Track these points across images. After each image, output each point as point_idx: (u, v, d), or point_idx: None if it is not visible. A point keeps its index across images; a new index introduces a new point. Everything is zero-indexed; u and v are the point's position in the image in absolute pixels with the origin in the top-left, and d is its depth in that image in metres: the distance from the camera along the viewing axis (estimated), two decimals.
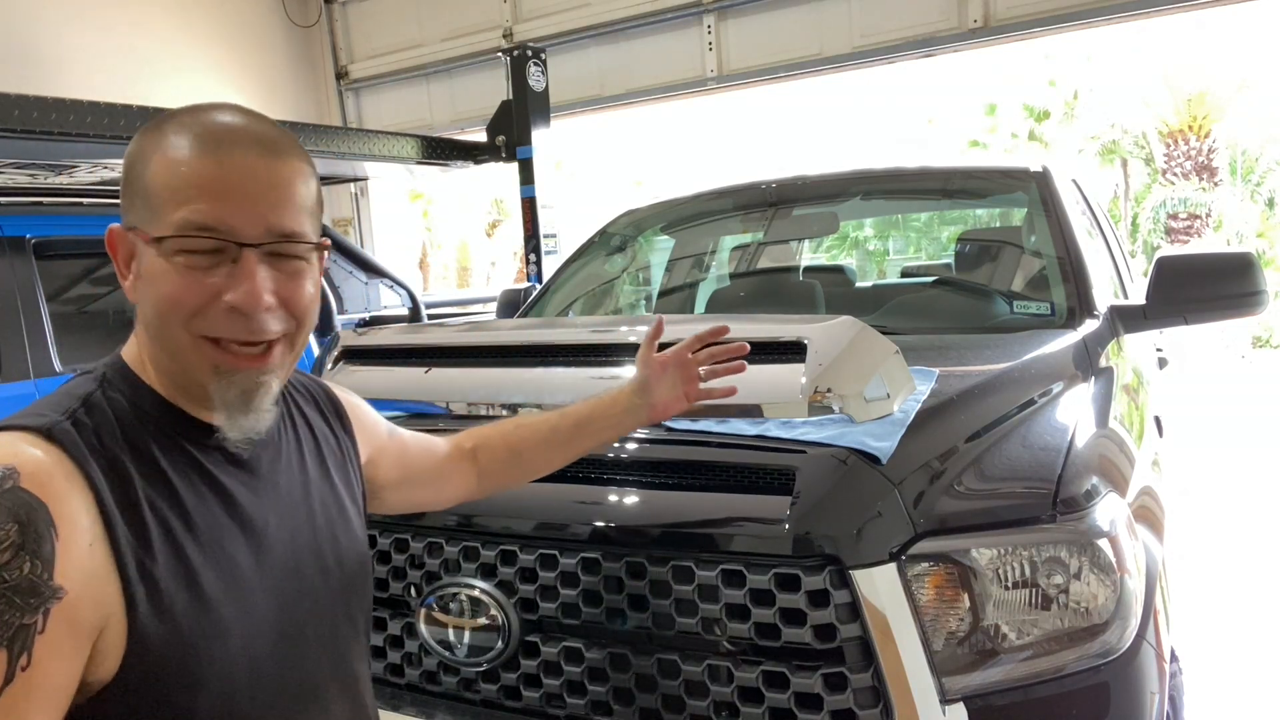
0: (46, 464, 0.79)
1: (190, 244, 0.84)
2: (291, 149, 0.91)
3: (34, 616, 0.74)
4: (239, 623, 0.88)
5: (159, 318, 0.87)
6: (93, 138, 3.44)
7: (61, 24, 6.53)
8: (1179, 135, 17.46)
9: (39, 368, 3.14)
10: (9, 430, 0.82)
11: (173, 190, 0.85)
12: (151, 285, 0.86)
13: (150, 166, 0.86)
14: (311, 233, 0.92)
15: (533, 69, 6.42)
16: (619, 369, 1.67)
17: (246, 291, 0.85)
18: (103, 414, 0.86)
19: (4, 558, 0.74)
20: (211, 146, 0.85)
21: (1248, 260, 2.17)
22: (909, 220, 5.51)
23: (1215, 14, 6.10)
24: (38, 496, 0.77)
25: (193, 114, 0.88)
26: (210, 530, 0.88)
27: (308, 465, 1.05)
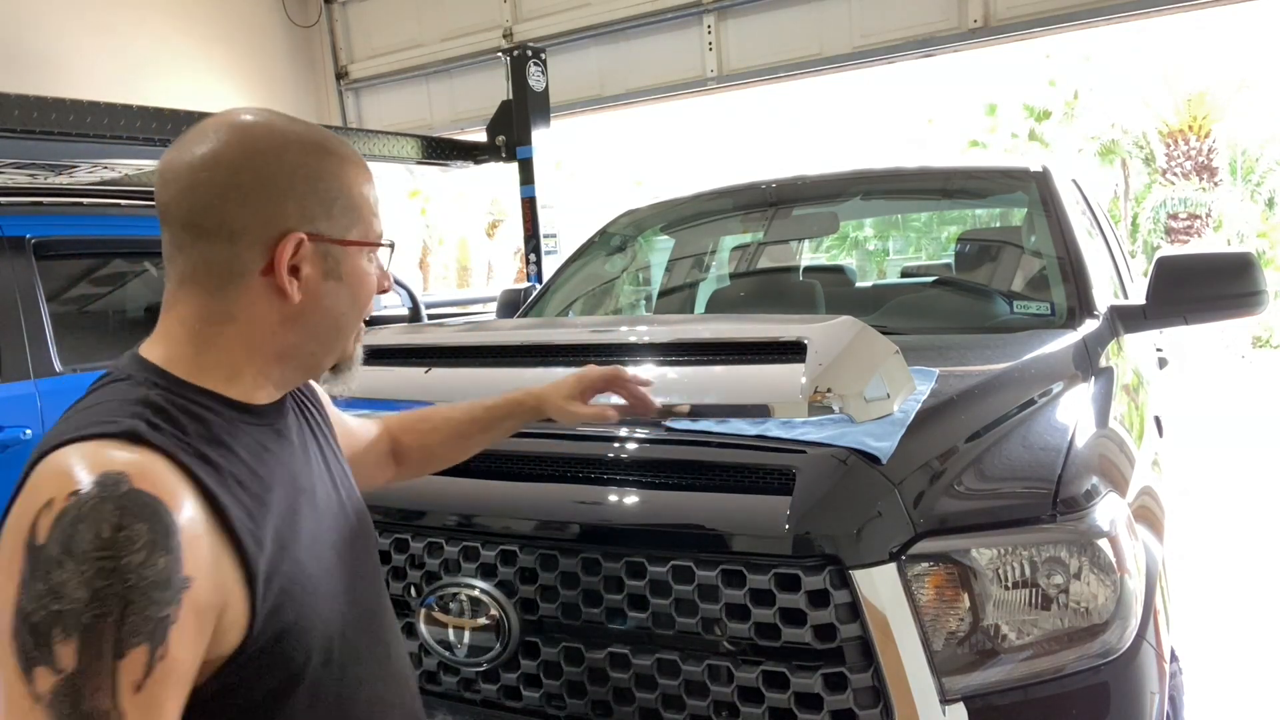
0: (145, 463, 0.83)
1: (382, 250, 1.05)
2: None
3: (170, 608, 0.79)
4: (323, 575, 0.98)
5: (351, 310, 1.03)
6: (93, 138, 3.45)
7: (61, 24, 6.53)
8: (1179, 135, 17.47)
9: (39, 368, 3.14)
10: (89, 440, 0.84)
11: (367, 205, 1.02)
12: (352, 285, 1.01)
13: (353, 185, 1.01)
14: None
15: (533, 69, 6.42)
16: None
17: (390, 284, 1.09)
18: (163, 411, 0.90)
19: (140, 556, 0.78)
20: (368, 173, 1.05)
21: (1248, 260, 2.18)
22: (909, 220, 5.52)
23: (1215, 14, 6.10)
24: (153, 494, 0.81)
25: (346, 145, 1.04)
26: (284, 497, 0.97)
27: (317, 433, 1.15)
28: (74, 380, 3.22)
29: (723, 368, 1.60)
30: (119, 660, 0.77)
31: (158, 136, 3.65)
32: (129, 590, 0.77)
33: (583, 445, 1.56)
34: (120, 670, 0.77)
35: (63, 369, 3.19)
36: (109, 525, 0.78)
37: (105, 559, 0.77)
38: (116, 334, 3.66)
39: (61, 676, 0.76)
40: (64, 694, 0.76)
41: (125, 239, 3.66)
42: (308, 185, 0.95)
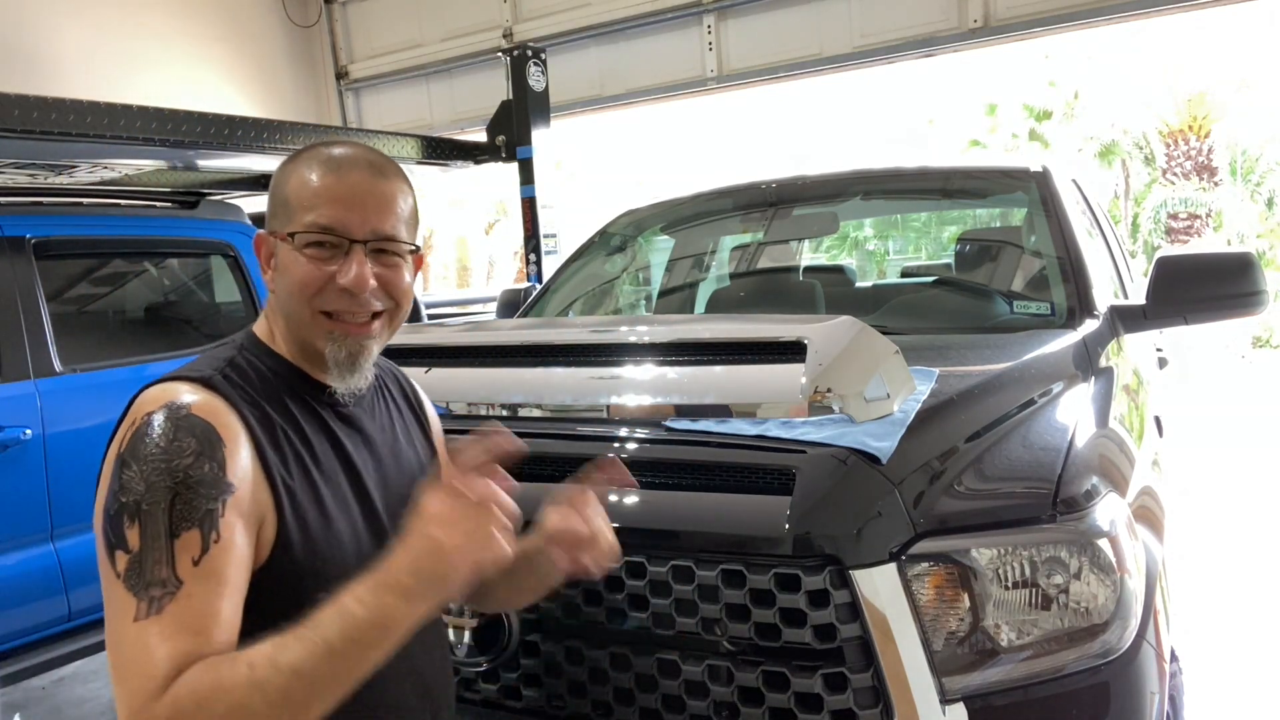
0: (210, 401, 1.03)
1: (315, 238, 1.09)
2: (395, 172, 1.16)
3: (215, 503, 0.97)
4: (350, 538, 1.11)
5: (290, 298, 1.11)
6: (93, 138, 3.44)
7: (61, 24, 6.53)
8: (1179, 135, 17.47)
9: (39, 368, 3.14)
10: (176, 380, 1.05)
11: (303, 200, 1.11)
12: (286, 273, 1.11)
13: (289, 184, 1.12)
14: (408, 237, 1.16)
15: (533, 69, 6.41)
16: (619, 369, 1.67)
17: (355, 275, 1.09)
18: (244, 371, 1.11)
19: (188, 461, 0.97)
20: (334, 167, 1.12)
21: (1248, 260, 2.18)
22: (909, 220, 5.52)
23: (1215, 14, 6.10)
24: (208, 420, 1.01)
25: (324, 146, 1.15)
26: (327, 464, 1.13)
27: (396, 430, 1.28)
28: (74, 380, 3.22)
29: (723, 368, 1.60)
30: (174, 540, 0.94)
31: (158, 136, 3.64)
32: (178, 484, 0.95)
33: (583, 445, 1.56)
34: (176, 548, 0.94)
35: (63, 369, 3.19)
36: (166, 437, 0.98)
37: (161, 460, 0.96)
38: (116, 334, 3.66)
39: (131, 555, 0.94)
40: (134, 569, 0.93)
41: (125, 239, 3.66)
42: (275, 189, 1.15)
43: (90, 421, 3.22)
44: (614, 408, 1.60)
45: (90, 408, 3.24)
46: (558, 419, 1.65)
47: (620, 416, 1.59)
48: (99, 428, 3.25)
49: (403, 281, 1.16)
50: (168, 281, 3.95)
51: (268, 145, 4.11)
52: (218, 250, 3.91)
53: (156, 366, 3.50)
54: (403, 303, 1.18)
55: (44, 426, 3.09)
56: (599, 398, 1.62)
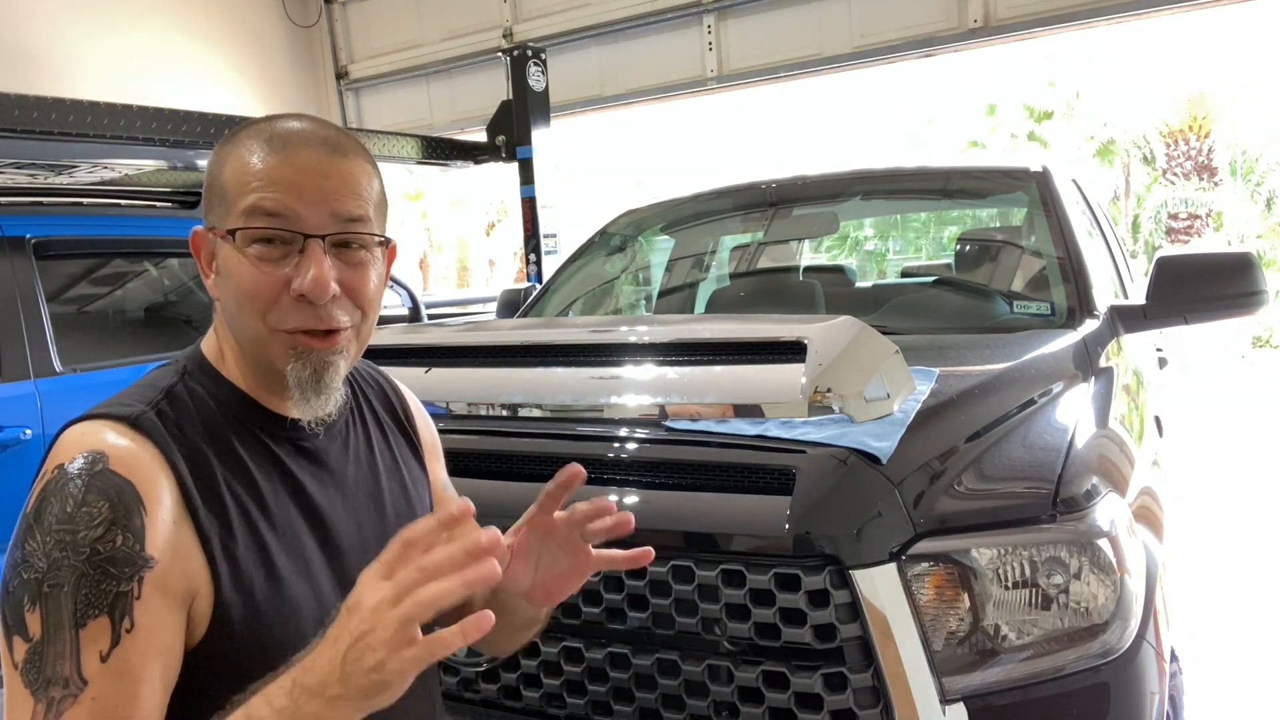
0: (133, 449, 0.86)
1: (259, 233, 0.90)
2: (355, 149, 0.97)
3: (129, 584, 0.81)
4: (308, 603, 0.94)
5: (238, 311, 0.93)
6: (93, 138, 3.44)
7: (61, 24, 6.53)
8: (1179, 135, 17.47)
9: (39, 368, 3.14)
10: (97, 419, 0.89)
11: (242, 184, 0.91)
12: (229, 280, 0.93)
13: (225, 168, 0.93)
14: (375, 226, 0.97)
15: (533, 69, 6.41)
16: (619, 369, 1.67)
17: (313, 278, 0.90)
18: (184, 404, 0.93)
19: (97, 532, 0.81)
20: (279, 145, 0.92)
21: (1248, 260, 2.18)
22: (909, 220, 5.51)
23: (1215, 14, 6.10)
24: (125, 478, 0.84)
25: (266, 121, 0.96)
26: (282, 517, 0.95)
27: (376, 456, 1.10)
28: (74, 380, 3.22)
29: (723, 368, 1.60)
30: (79, 630, 0.79)
31: (158, 136, 3.65)
32: (83, 563, 0.80)
33: (583, 445, 1.56)
34: (82, 639, 0.79)
35: (63, 369, 3.19)
36: (73, 500, 0.82)
37: (65, 531, 0.81)
38: (116, 334, 3.66)
39: (30, 645, 0.79)
40: (32, 661, 0.79)
41: (125, 239, 3.66)
42: (210, 177, 0.96)
43: None
44: (614, 408, 1.60)
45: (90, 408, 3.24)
46: (558, 419, 1.65)
47: (620, 416, 1.59)
48: None
49: (369, 285, 0.96)
50: (168, 281, 3.95)
51: None
52: None
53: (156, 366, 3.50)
54: (369, 311, 0.98)
55: (44, 426, 3.09)
56: (599, 398, 1.62)
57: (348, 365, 0.98)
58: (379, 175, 1.00)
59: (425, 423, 1.24)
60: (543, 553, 1.05)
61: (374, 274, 0.97)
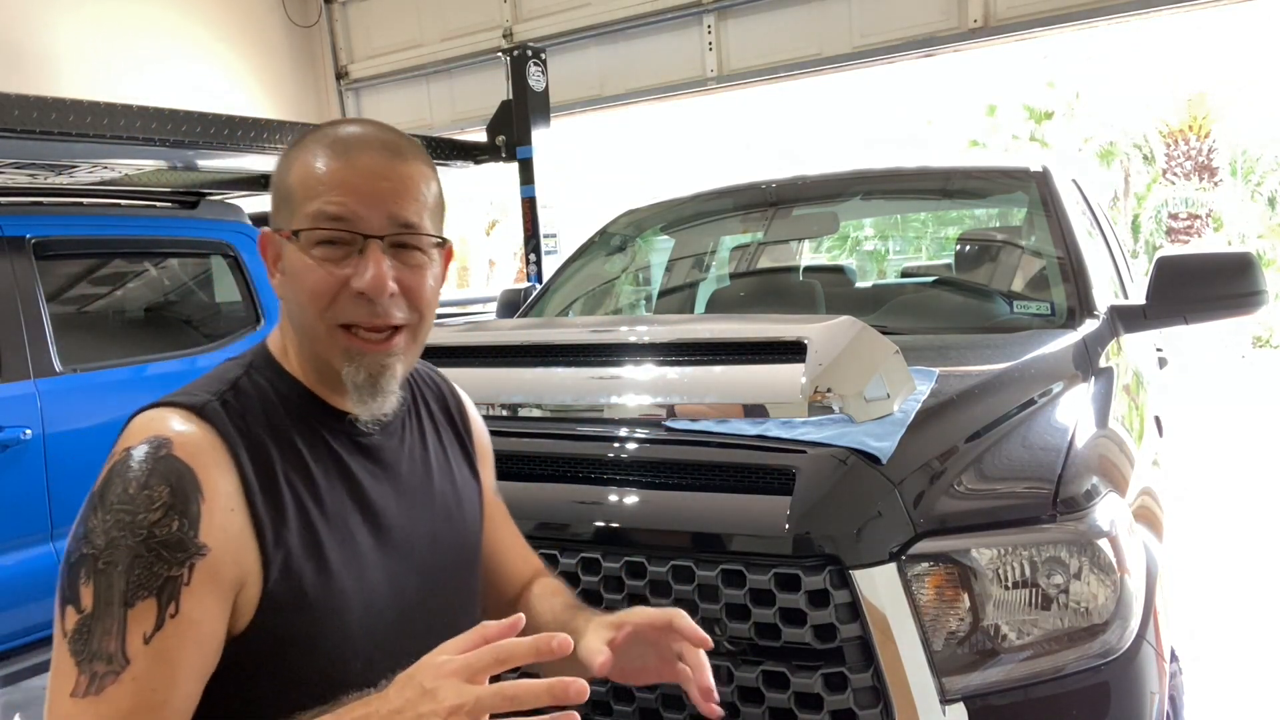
0: (196, 437, 0.89)
1: (322, 235, 0.94)
2: (414, 153, 1.00)
3: (180, 570, 0.84)
4: (357, 595, 0.96)
5: (300, 309, 0.96)
6: (93, 138, 3.43)
7: (61, 24, 6.53)
8: (1179, 135, 17.47)
9: (39, 368, 3.14)
10: (166, 406, 0.92)
11: (308, 189, 0.95)
12: (293, 279, 0.96)
13: (291, 173, 0.97)
14: (431, 228, 1.00)
15: (533, 69, 6.41)
16: (619, 369, 1.67)
17: (372, 276, 0.93)
18: (247, 397, 0.96)
19: (155, 516, 0.84)
20: (341, 150, 0.96)
21: (1248, 260, 2.18)
22: (909, 220, 5.51)
23: (1215, 14, 6.10)
24: (187, 464, 0.87)
25: (330, 126, 1.00)
26: (336, 509, 0.98)
27: (430, 456, 1.13)
28: (74, 380, 3.22)
29: (723, 368, 1.60)
30: (128, 609, 0.82)
31: (158, 136, 3.64)
32: (139, 544, 0.83)
33: (583, 445, 1.56)
34: (129, 619, 0.82)
35: (63, 369, 3.19)
36: (136, 483, 0.85)
37: (124, 512, 0.84)
38: (116, 334, 3.66)
39: (81, 616, 0.82)
40: (81, 633, 0.82)
41: (125, 239, 3.66)
42: (276, 181, 1.00)
43: (90, 421, 3.22)
44: (614, 407, 1.60)
45: (90, 408, 3.24)
46: (558, 419, 1.65)
47: (620, 416, 1.59)
48: (99, 428, 3.25)
49: (425, 286, 0.99)
50: (168, 281, 3.95)
51: (268, 145, 4.11)
52: (218, 250, 3.91)
53: (156, 366, 3.51)
54: (426, 313, 1.01)
55: (44, 426, 3.09)
56: (599, 398, 1.62)
57: (404, 368, 1.01)
58: (437, 178, 1.03)
59: (479, 427, 1.26)
60: (633, 646, 1.03)
61: (430, 276, 1.00)
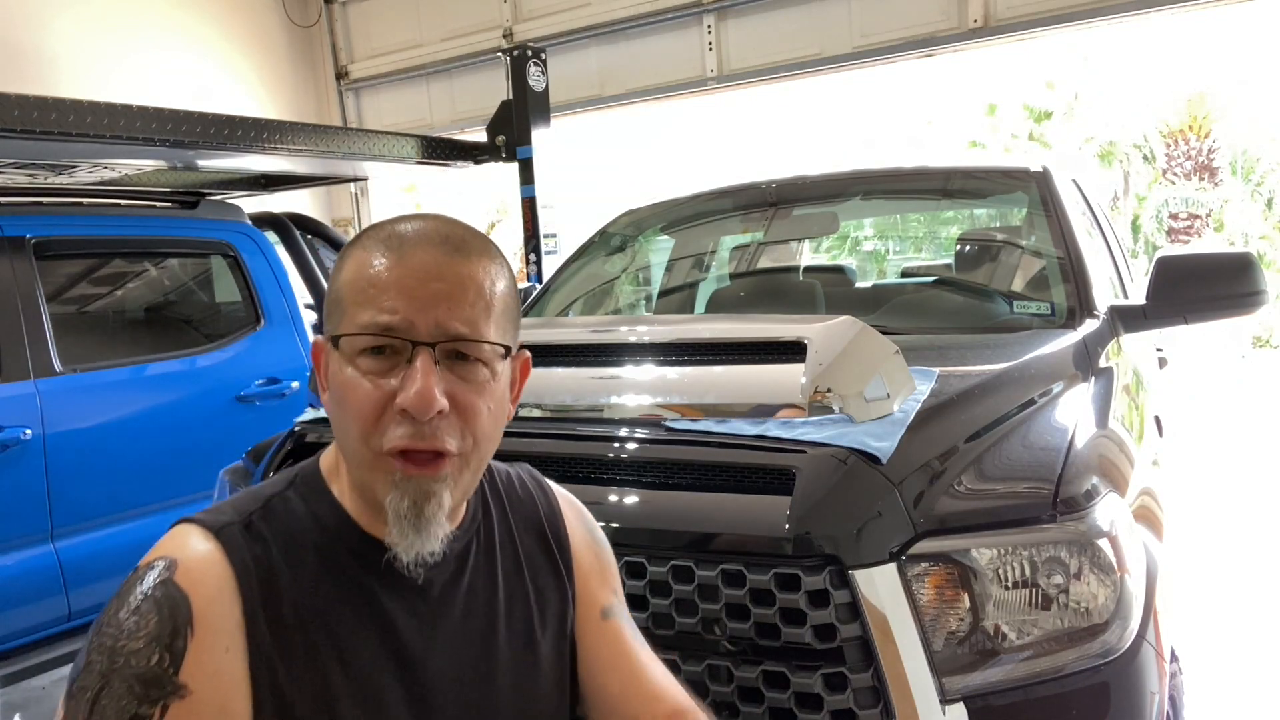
0: (205, 563, 0.81)
1: (367, 342, 0.82)
2: (480, 250, 0.87)
3: (150, 709, 0.76)
4: None
5: (342, 431, 0.86)
6: (93, 138, 3.43)
7: (60, 24, 6.53)
8: (1179, 135, 17.48)
9: (39, 368, 3.14)
10: (190, 522, 0.86)
11: (356, 291, 0.84)
12: (336, 395, 0.86)
13: (343, 273, 0.87)
14: (496, 335, 0.86)
15: (533, 69, 6.41)
16: (619, 369, 1.67)
17: (417, 392, 0.80)
18: (278, 519, 0.87)
19: (136, 645, 0.76)
20: (395, 244, 0.85)
21: (1247, 260, 2.18)
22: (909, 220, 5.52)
23: (1215, 14, 6.10)
24: (184, 592, 0.79)
25: (391, 221, 0.89)
26: (361, 659, 0.85)
27: (499, 599, 0.95)
28: (74, 380, 3.22)
29: (723, 368, 1.60)
30: None
31: (158, 136, 3.64)
32: (113, 673, 0.75)
33: (583, 445, 1.56)
34: None
35: (63, 369, 3.19)
36: (128, 606, 0.78)
37: (109, 635, 0.77)
38: (116, 334, 3.66)
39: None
40: None
41: (125, 239, 3.66)
42: (330, 283, 0.89)
43: (90, 421, 3.23)
44: (614, 407, 1.60)
45: (90, 408, 3.24)
46: (558, 419, 1.65)
47: (620, 416, 1.59)
48: (99, 428, 3.25)
49: (481, 408, 0.85)
50: (168, 281, 3.95)
51: (268, 145, 4.11)
52: (218, 250, 3.91)
53: (156, 366, 3.51)
54: (481, 442, 0.87)
55: (44, 426, 3.09)
56: (599, 398, 1.62)
57: (454, 498, 0.87)
58: (509, 275, 0.90)
59: (589, 543, 1.09)
60: None
61: (490, 395, 0.86)
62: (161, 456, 3.40)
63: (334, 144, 5.51)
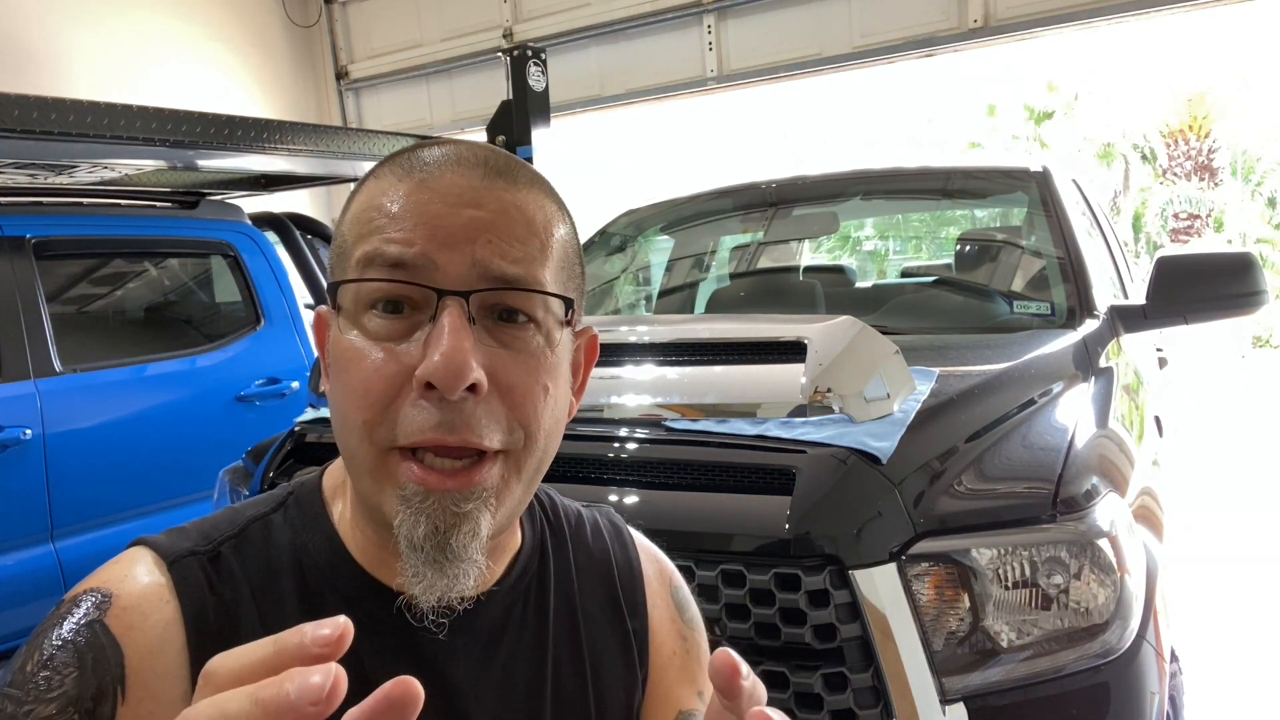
0: (148, 602, 0.60)
1: (374, 290, 0.59)
2: (530, 179, 0.64)
3: None
4: None
5: (341, 424, 0.61)
6: (93, 138, 3.43)
7: (60, 24, 6.53)
8: (1179, 135, 17.49)
9: (39, 368, 3.14)
10: (144, 545, 0.64)
11: (362, 224, 0.61)
12: (337, 379, 0.62)
13: (350, 210, 0.64)
14: (555, 286, 0.63)
15: (533, 69, 6.41)
16: (618, 369, 1.67)
17: (443, 354, 0.56)
18: (255, 553, 0.65)
19: (46, 711, 0.55)
20: (418, 168, 0.62)
21: (1247, 260, 2.18)
22: (909, 220, 5.52)
23: (1215, 14, 6.10)
24: (118, 640, 0.58)
25: (413, 146, 0.66)
26: None
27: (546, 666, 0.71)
28: (74, 380, 3.22)
29: (723, 368, 1.60)
30: None
31: (158, 136, 3.64)
32: None
33: (583, 445, 1.56)
34: None
35: (63, 369, 3.19)
36: (40, 654, 0.58)
37: (12, 698, 0.56)
38: (116, 334, 3.66)
39: None
40: None
41: (125, 239, 3.66)
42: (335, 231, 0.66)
43: (90, 421, 3.23)
44: (614, 407, 1.60)
45: (90, 408, 3.24)
46: None
47: (620, 416, 1.59)
48: (99, 428, 3.25)
49: (537, 387, 0.61)
50: (168, 281, 3.95)
51: (268, 145, 4.11)
52: (218, 250, 3.91)
53: (156, 366, 3.51)
54: (537, 434, 0.62)
55: (44, 426, 3.09)
56: (599, 398, 1.62)
57: (497, 523, 0.62)
58: (569, 220, 0.67)
59: (674, 621, 0.82)
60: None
61: (549, 372, 0.62)
62: (161, 457, 3.40)
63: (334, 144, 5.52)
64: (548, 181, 0.66)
